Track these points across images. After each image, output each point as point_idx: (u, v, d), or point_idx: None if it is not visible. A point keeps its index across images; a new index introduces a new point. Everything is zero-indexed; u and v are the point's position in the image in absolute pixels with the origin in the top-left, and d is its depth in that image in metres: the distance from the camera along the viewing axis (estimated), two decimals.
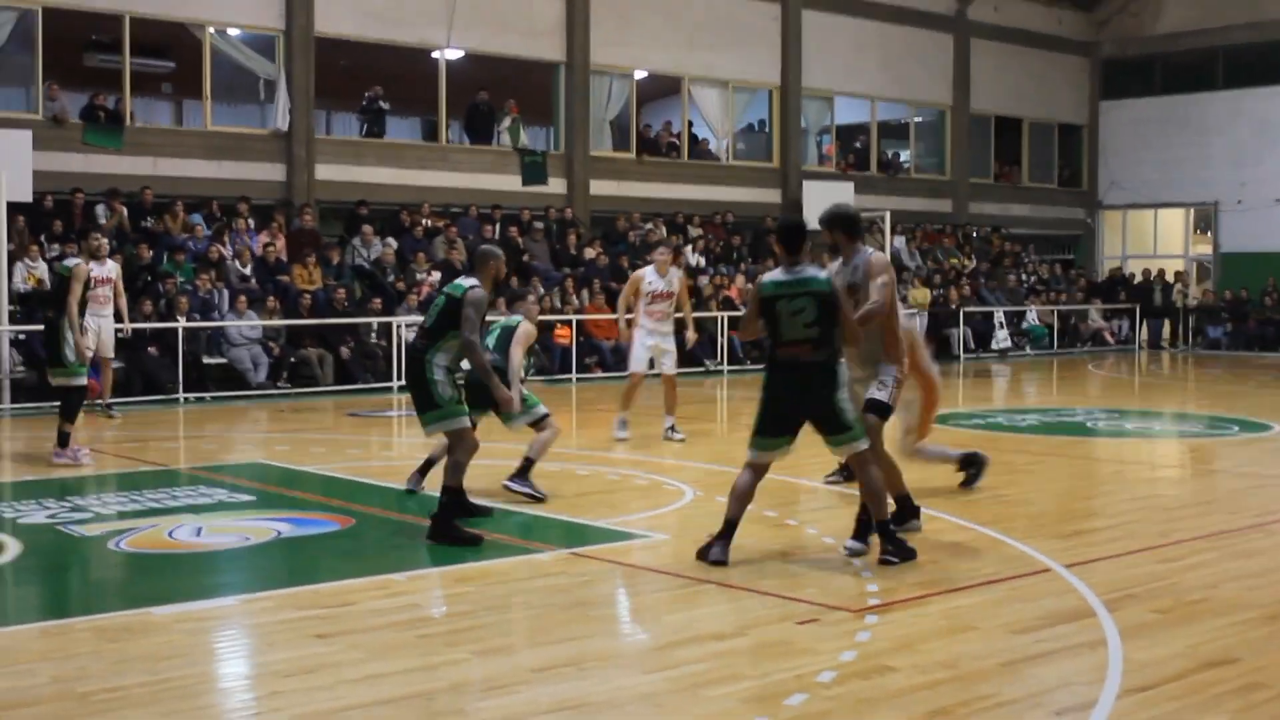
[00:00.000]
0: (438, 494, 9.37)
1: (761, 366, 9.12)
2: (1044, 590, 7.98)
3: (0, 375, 18.28)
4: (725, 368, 25.55)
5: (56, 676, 6.30)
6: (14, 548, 9.22)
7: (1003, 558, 8.87)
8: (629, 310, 15.50)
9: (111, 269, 17.39)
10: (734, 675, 6.28)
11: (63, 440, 13.23)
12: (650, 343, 15.10)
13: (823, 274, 8.79)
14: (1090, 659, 6.57)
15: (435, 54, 26.98)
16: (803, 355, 8.53)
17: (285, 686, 6.15)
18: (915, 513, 9.56)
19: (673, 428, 15.07)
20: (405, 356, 9.89)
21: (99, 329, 17.04)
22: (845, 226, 9.56)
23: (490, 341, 11.28)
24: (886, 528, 8.74)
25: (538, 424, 11.17)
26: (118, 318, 17.59)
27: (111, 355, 17.66)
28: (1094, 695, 6.00)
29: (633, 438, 14.85)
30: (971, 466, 11.46)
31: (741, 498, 8.64)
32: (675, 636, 6.99)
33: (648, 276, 15.18)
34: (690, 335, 16.35)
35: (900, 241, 31.67)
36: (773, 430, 8.68)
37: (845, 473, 10.99)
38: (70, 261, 14.25)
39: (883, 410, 9.11)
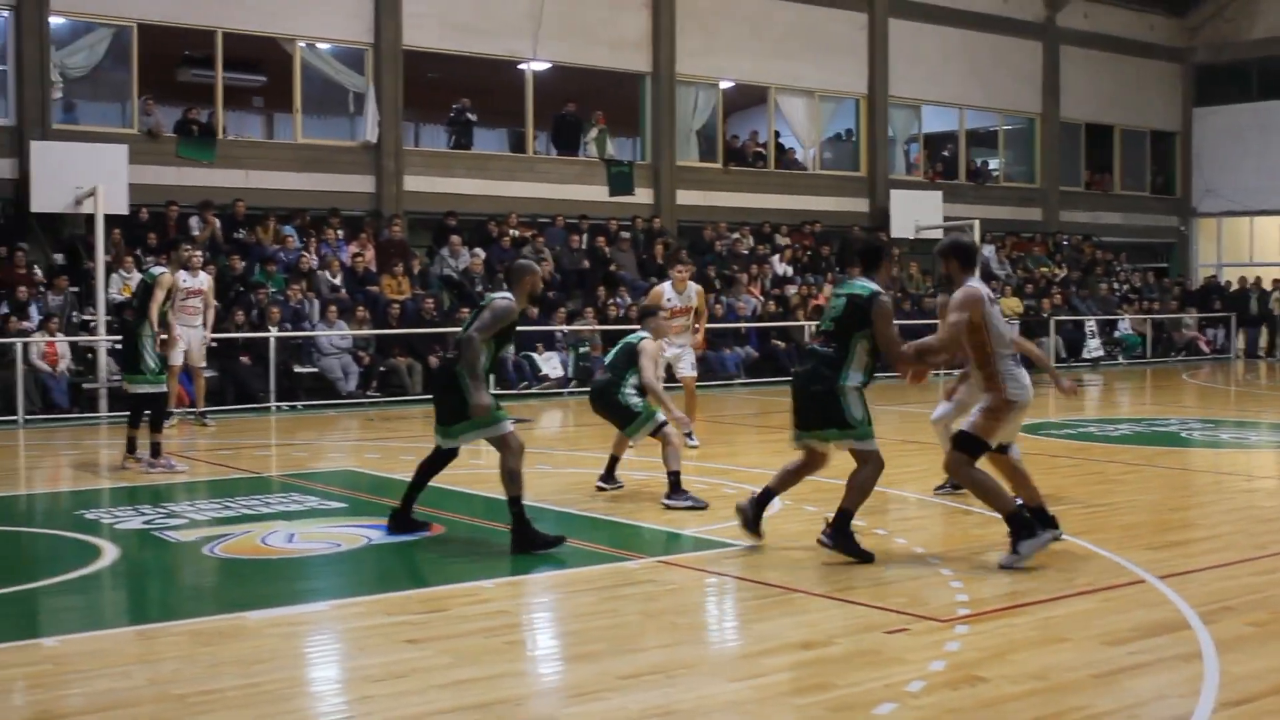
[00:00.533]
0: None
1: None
2: (1137, 602, 7.88)
3: (97, 384, 18.56)
4: None
5: (153, 679, 6.39)
6: (111, 553, 9.37)
7: (1095, 569, 8.76)
8: None
9: (203, 280, 17.60)
10: (822, 684, 6.25)
11: (155, 449, 13.42)
12: (668, 354, 15.14)
13: (872, 286, 9.15)
14: (1185, 672, 6.47)
15: (522, 66, 27.12)
16: (816, 343, 9.36)
17: (376, 691, 6.20)
18: (1052, 523, 9.24)
19: (689, 435, 14.66)
20: (437, 369, 9.94)
21: (188, 339, 17.26)
22: (960, 257, 9.34)
23: (608, 358, 11.83)
24: (847, 518, 8.97)
25: (657, 433, 11.31)
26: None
27: (203, 364, 17.87)
28: (1189, 708, 5.91)
29: (726, 448, 14.86)
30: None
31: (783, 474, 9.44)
32: (763, 645, 6.97)
33: (666, 292, 15.80)
34: (698, 340, 16.41)
35: (990, 250, 31.38)
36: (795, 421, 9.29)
37: (954, 484, 10.99)
38: (156, 270, 14.44)
39: (966, 442, 9.00)
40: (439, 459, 9.75)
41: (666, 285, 16.01)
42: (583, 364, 23.16)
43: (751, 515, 9.33)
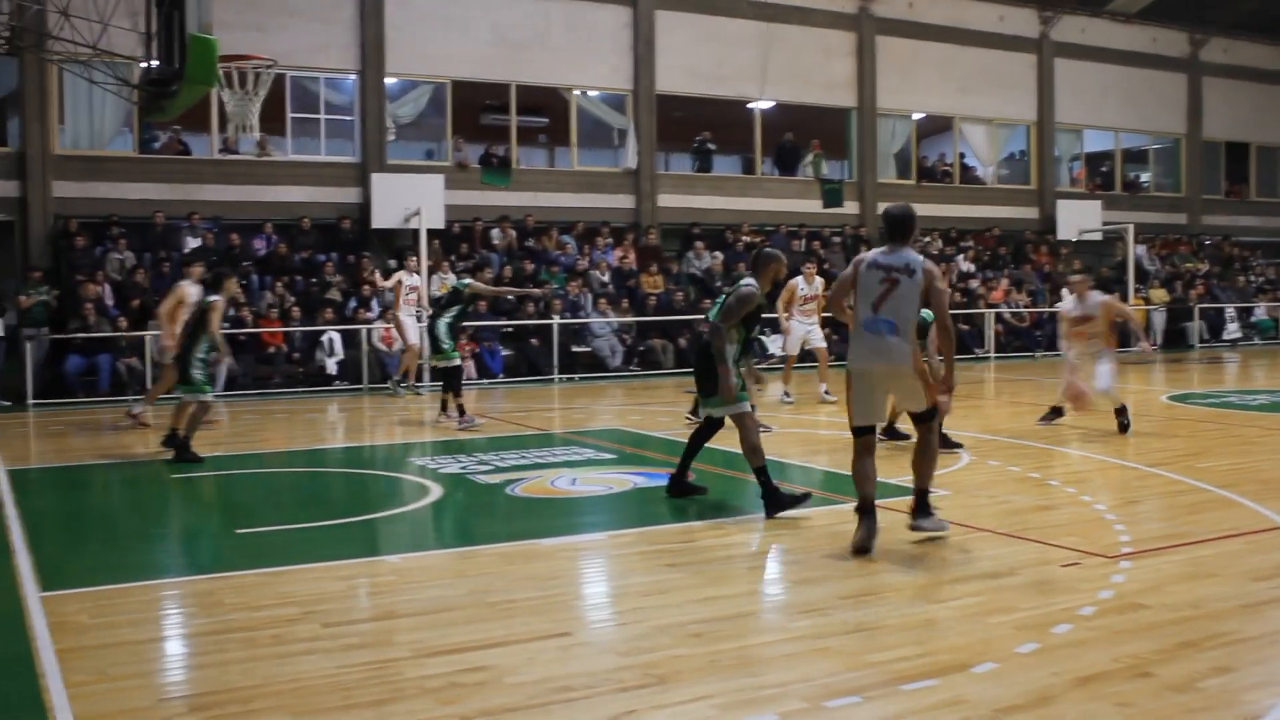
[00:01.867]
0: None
1: (1025, 354, 8.80)
2: (1277, 545, 7.48)
3: (421, 360, 19.06)
4: (992, 354, 24.84)
5: (471, 589, 6.56)
6: (436, 491, 9.65)
7: (1239, 516, 8.34)
8: (786, 309, 16.55)
9: (417, 280, 18.66)
10: (1008, 607, 6.09)
11: (461, 410, 13.78)
12: (801, 332, 16.52)
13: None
14: None
15: (751, 105, 26.98)
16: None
17: (644, 604, 6.25)
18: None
19: (826, 391, 16.30)
20: (699, 351, 9.00)
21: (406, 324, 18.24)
22: (884, 222, 7.65)
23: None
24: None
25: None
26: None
27: (416, 342, 18.28)
28: None
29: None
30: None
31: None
32: (957, 574, 6.82)
33: (800, 285, 16.56)
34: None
35: (1141, 250, 30.21)
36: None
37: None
38: (464, 280, 14.85)
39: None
40: (708, 428, 9.09)
41: (799, 279, 16.61)
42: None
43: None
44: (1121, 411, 12.45)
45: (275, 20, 21.80)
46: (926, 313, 9.25)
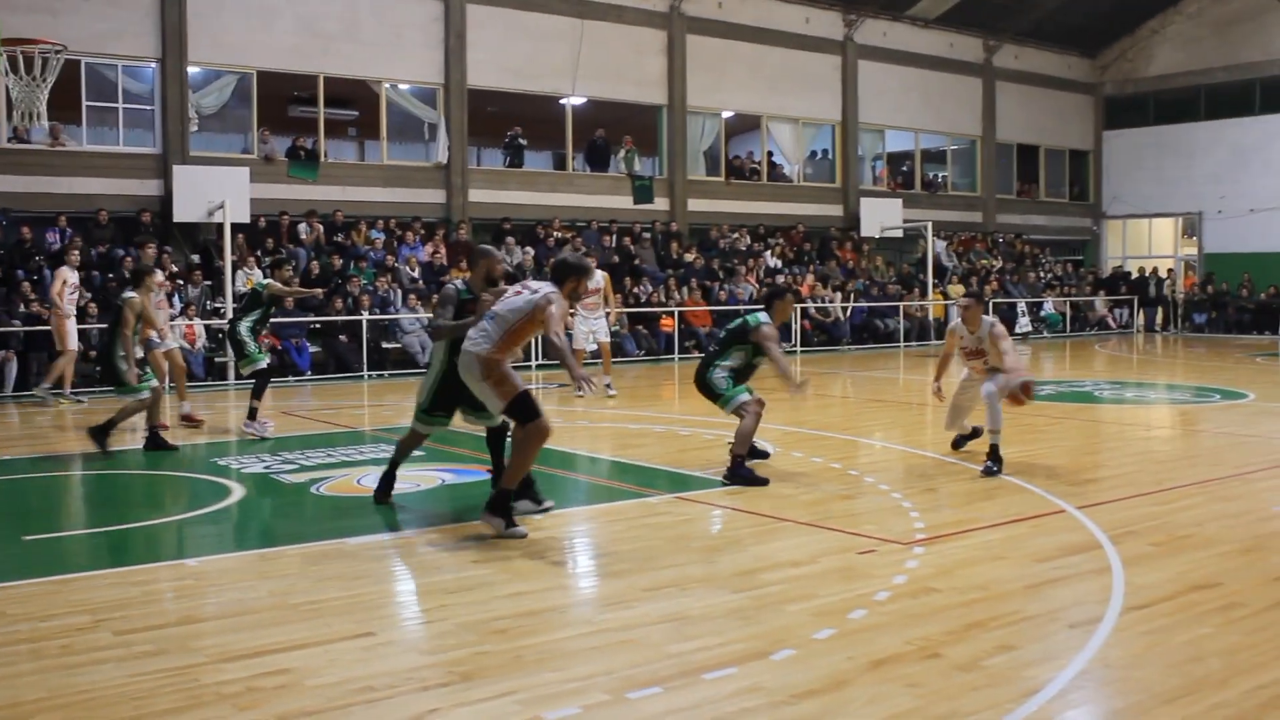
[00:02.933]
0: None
1: (822, 348, 9.00)
2: (1060, 527, 7.87)
3: (227, 361, 18.54)
4: (799, 349, 25.41)
5: (272, 591, 6.42)
6: (239, 492, 9.41)
7: (1026, 501, 8.75)
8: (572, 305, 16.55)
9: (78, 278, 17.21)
10: (807, 594, 6.26)
11: (252, 414, 12.96)
12: (586, 328, 16.70)
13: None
14: (1098, 583, 6.46)
15: (563, 100, 27.02)
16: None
17: (449, 601, 6.22)
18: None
19: (609, 385, 16.59)
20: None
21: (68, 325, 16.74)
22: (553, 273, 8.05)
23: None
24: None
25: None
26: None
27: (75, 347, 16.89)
28: (1101, 612, 5.91)
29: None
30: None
31: None
32: (759, 564, 6.97)
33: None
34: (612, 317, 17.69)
35: (941, 246, 31.33)
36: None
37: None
38: (264, 281, 14.13)
39: None
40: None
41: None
42: (612, 340, 23.16)
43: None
44: (993, 453, 10.24)
45: (67, 3, 20.85)
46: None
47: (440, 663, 5.20)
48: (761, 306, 10.27)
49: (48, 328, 17.75)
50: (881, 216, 30.15)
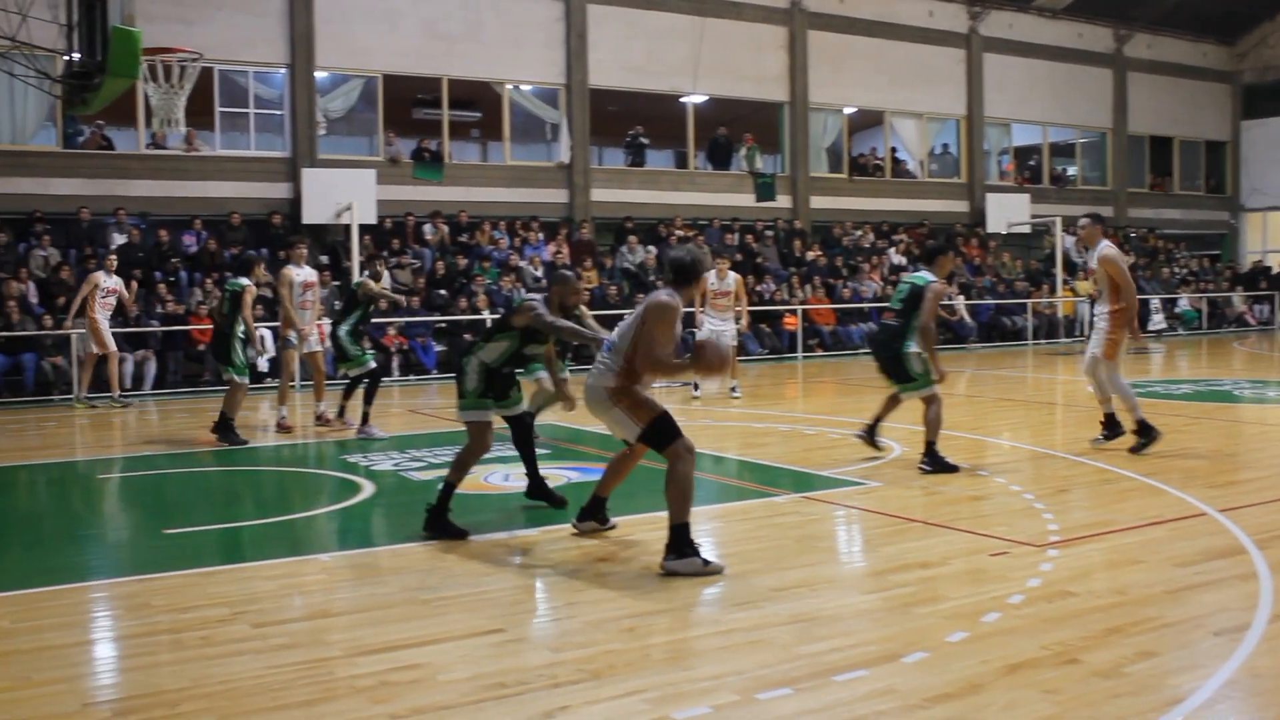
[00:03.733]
0: None
1: (947, 346, 8.88)
2: (1201, 531, 7.61)
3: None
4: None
5: (404, 586, 6.51)
6: (369, 488, 9.57)
7: (1164, 504, 8.48)
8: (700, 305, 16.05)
9: (116, 281, 16.88)
10: (938, 596, 6.15)
11: (365, 418, 12.99)
12: (709, 330, 15.76)
13: (929, 276, 10.03)
14: (1243, 589, 6.23)
15: (684, 99, 27.04)
16: (888, 319, 10.38)
17: (578, 599, 6.23)
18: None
19: (734, 389, 16.19)
20: None
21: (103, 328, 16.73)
22: (670, 269, 7.23)
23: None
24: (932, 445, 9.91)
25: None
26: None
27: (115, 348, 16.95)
28: (1248, 619, 5.69)
29: (848, 401, 14.69)
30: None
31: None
32: (888, 564, 6.87)
33: (711, 279, 15.84)
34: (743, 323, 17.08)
35: (1069, 241, 30.64)
36: None
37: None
38: (356, 281, 13.99)
39: None
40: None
41: (711, 273, 15.83)
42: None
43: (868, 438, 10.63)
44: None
45: (201, 13, 21.49)
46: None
47: (570, 660, 5.22)
48: (922, 266, 10.43)
49: (186, 328, 18.29)
50: (1008, 212, 29.63)
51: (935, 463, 9.89)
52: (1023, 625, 5.62)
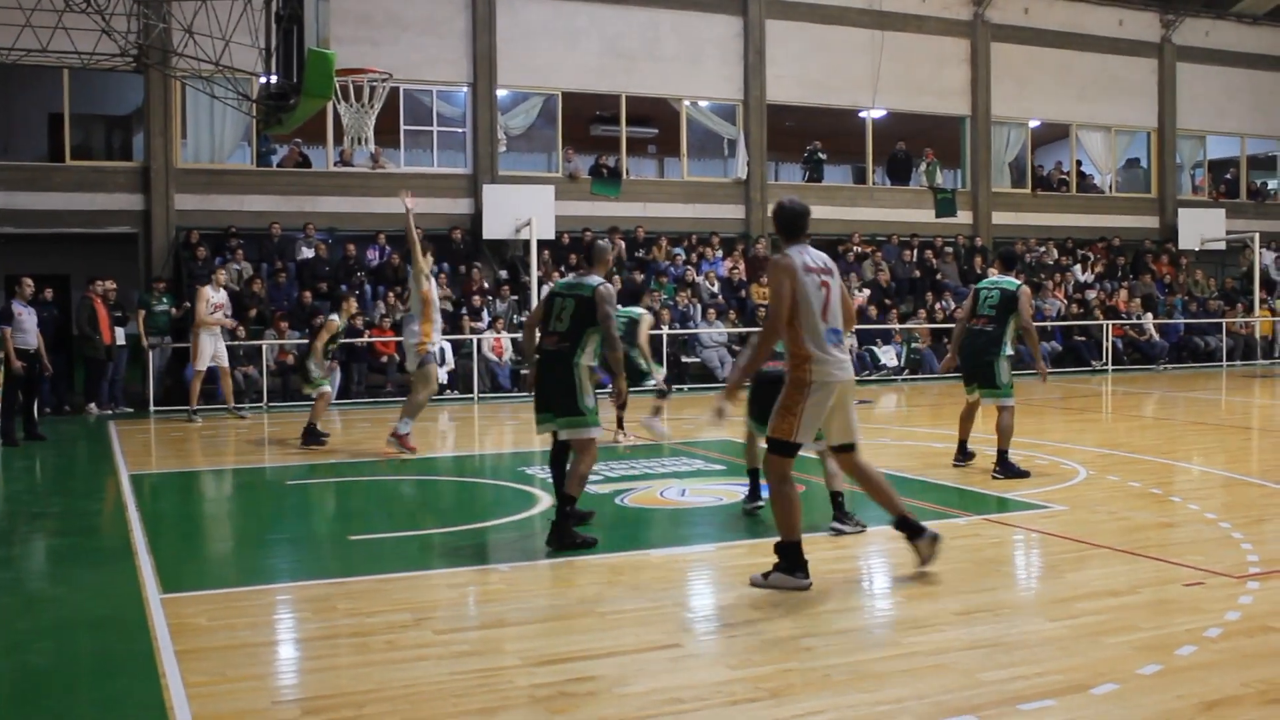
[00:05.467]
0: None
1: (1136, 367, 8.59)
2: None
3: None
4: (1110, 367, 24.29)
5: (581, 599, 6.57)
6: (545, 500, 9.69)
7: None
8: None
9: (223, 297, 17.24)
10: (1129, 626, 5.93)
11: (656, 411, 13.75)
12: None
13: (1016, 281, 10.58)
14: None
15: (862, 113, 26.79)
16: (978, 324, 10.53)
17: (754, 616, 6.19)
18: (916, 530, 7.15)
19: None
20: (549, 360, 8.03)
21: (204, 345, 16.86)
22: (778, 222, 7.62)
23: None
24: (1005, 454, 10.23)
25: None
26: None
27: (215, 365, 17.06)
28: None
29: (1036, 424, 14.31)
30: None
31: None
32: (1075, 591, 6.66)
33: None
34: None
35: (1270, 258, 29.39)
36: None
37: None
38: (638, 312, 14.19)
39: (774, 445, 6.99)
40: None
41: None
42: (913, 357, 22.90)
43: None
44: None
45: (388, 34, 22.18)
46: (634, 310, 11.77)
47: (747, 678, 5.19)
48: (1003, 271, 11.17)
49: (369, 339, 18.87)
50: (1202, 227, 28.52)
51: (1007, 469, 10.34)
52: (1221, 660, 5.38)
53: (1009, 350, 10.58)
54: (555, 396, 7.90)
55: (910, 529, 7.08)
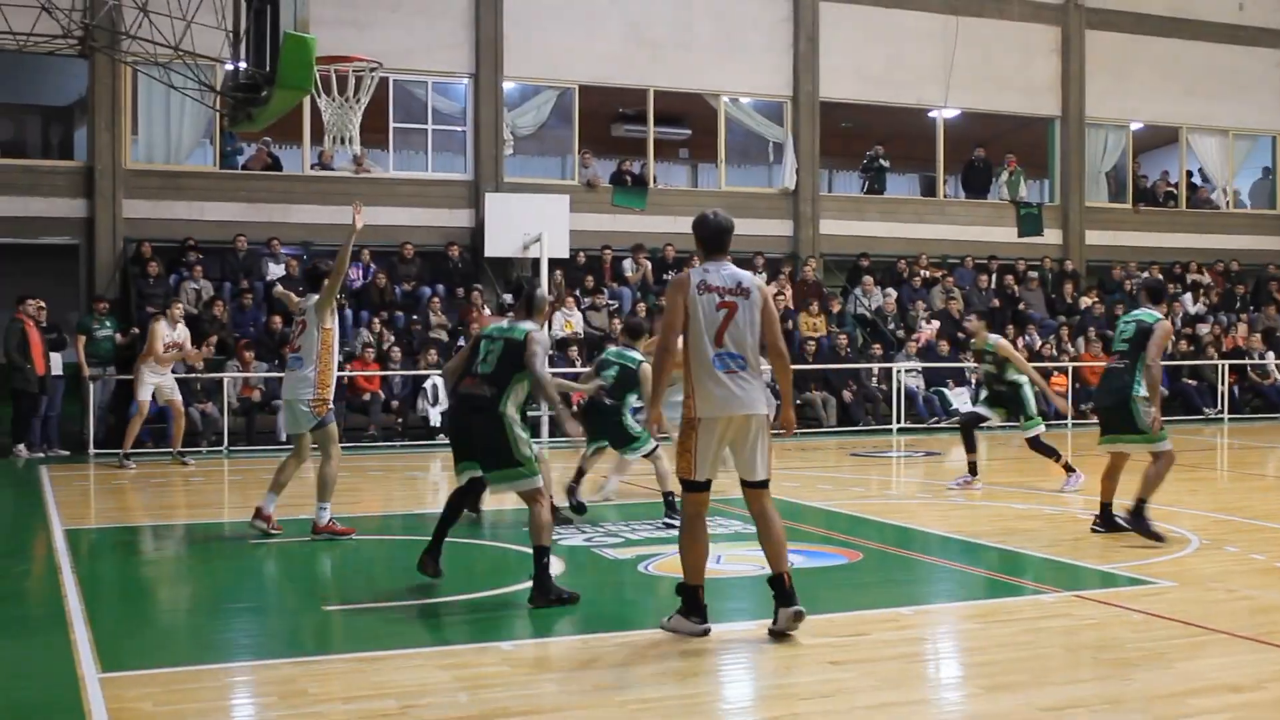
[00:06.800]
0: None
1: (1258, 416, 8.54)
2: None
3: (542, 414, 19.07)
4: (1226, 415, 24.16)
5: (596, 685, 6.54)
6: (556, 566, 9.64)
7: None
8: None
9: (182, 334, 17.30)
10: None
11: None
12: None
13: (1156, 314, 10.65)
14: None
15: (933, 113, 26.85)
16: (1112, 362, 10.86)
17: (803, 709, 6.16)
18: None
19: None
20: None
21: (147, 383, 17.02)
22: (696, 234, 8.45)
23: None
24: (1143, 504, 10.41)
25: None
26: None
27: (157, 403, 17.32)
28: None
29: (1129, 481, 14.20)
30: None
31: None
32: (1186, 685, 6.59)
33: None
34: None
35: None
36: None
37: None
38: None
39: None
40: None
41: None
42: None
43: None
44: None
45: (376, 16, 22.29)
46: (630, 355, 11.98)
47: None
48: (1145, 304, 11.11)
49: (349, 374, 18.88)
50: None
51: (1140, 525, 10.47)
52: None
53: (1143, 391, 10.69)
54: (482, 448, 8.66)
55: (782, 595, 7.47)
